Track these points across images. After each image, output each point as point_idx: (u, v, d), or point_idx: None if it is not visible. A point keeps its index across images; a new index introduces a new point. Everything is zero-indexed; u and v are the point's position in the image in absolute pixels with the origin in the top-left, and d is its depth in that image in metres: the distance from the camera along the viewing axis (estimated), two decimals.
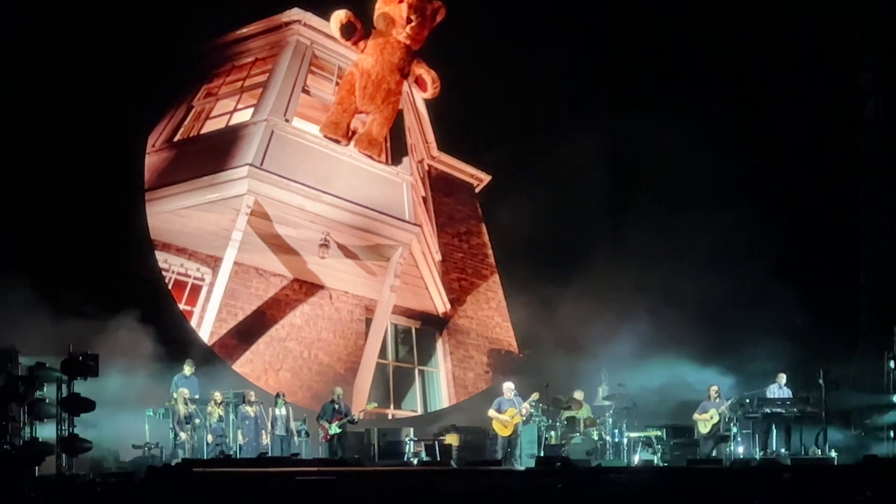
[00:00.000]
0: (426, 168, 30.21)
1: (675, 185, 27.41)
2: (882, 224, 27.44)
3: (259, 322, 27.85)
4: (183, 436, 24.31)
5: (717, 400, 24.99)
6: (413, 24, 28.50)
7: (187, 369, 25.14)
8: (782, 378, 25.61)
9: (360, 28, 28.33)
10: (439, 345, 29.59)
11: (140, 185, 27.30)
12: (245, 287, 27.77)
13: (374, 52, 28.66)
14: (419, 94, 29.58)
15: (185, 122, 28.15)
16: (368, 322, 28.87)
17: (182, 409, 24.39)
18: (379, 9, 28.67)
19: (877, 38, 27.48)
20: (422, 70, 28.99)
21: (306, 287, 28.40)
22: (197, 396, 24.86)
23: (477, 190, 30.53)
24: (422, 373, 29.48)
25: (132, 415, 24.40)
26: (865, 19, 27.53)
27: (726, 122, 27.53)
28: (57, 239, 25.71)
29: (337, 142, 28.44)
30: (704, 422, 25.06)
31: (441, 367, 29.52)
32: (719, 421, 24.88)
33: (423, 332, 29.63)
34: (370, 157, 28.64)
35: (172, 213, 27.40)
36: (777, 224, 26.73)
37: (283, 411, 25.27)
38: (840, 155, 27.61)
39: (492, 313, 30.12)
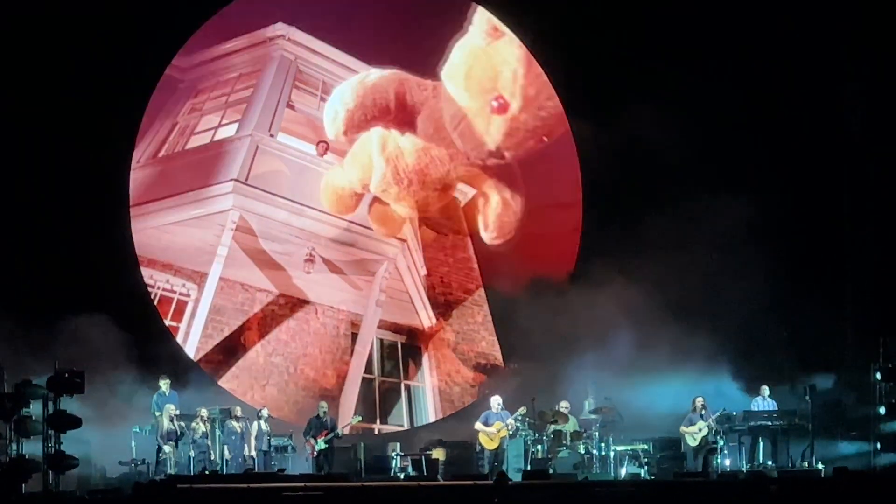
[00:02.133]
0: None
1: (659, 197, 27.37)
2: (868, 235, 27.50)
3: (244, 337, 27.81)
4: (167, 449, 24.24)
5: (704, 412, 24.98)
6: None
7: (163, 385, 25.06)
8: (765, 390, 25.67)
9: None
10: (425, 359, 29.55)
11: (125, 200, 27.28)
12: (231, 302, 27.72)
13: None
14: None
15: (170, 138, 28.06)
16: (354, 337, 28.82)
17: (166, 425, 24.33)
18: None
19: (863, 50, 27.53)
20: None
21: (292, 302, 28.35)
22: (178, 412, 24.78)
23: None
24: (408, 387, 29.43)
25: (118, 431, 24.38)
26: (852, 31, 27.57)
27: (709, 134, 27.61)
28: (41, 254, 25.71)
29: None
30: (692, 434, 25.04)
31: (427, 381, 29.49)
32: (707, 433, 24.88)
33: (409, 346, 29.59)
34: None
35: (158, 229, 27.30)
36: (763, 235, 26.73)
37: (265, 427, 25.22)
38: (826, 166, 27.65)
39: (477, 327, 30.09)
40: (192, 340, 27.26)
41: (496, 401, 25.47)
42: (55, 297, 25.01)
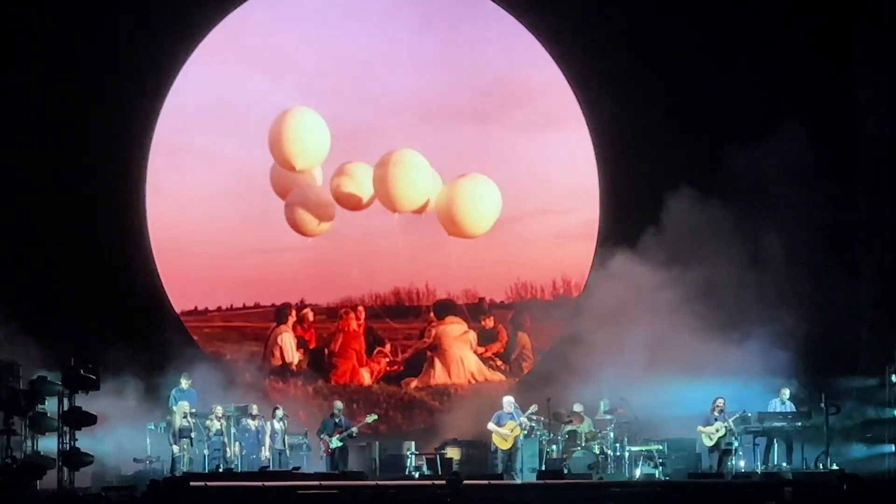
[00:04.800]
0: None
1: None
2: (884, 238, 27.42)
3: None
4: (175, 449, 24.27)
5: (723, 413, 24.91)
6: None
7: (184, 382, 25.14)
8: (785, 393, 25.55)
9: None
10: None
11: (141, 196, 27.42)
12: None
13: None
14: None
15: None
16: None
17: (178, 422, 24.36)
18: None
19: (879, 52, 27.43)
20: None
21: None
22: (195, 410, 24.83)
23: None
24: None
25: (133, 428, 24.45)
26: (867, 33, 27.48)
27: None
28: (56, 250, 25.86)
29: None
30: (709, 435, 24.97)
31: None
32: (724, 434, 24.82)
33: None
34: None
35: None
36: (778, 237, 26.65)
37: (280, 426, 25.24)
38: (841, 168, 27.57)
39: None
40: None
41: (508, 401, 25.44)
42: (70, 293, 25.15)
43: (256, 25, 28.22)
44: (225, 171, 28.09)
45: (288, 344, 27.87)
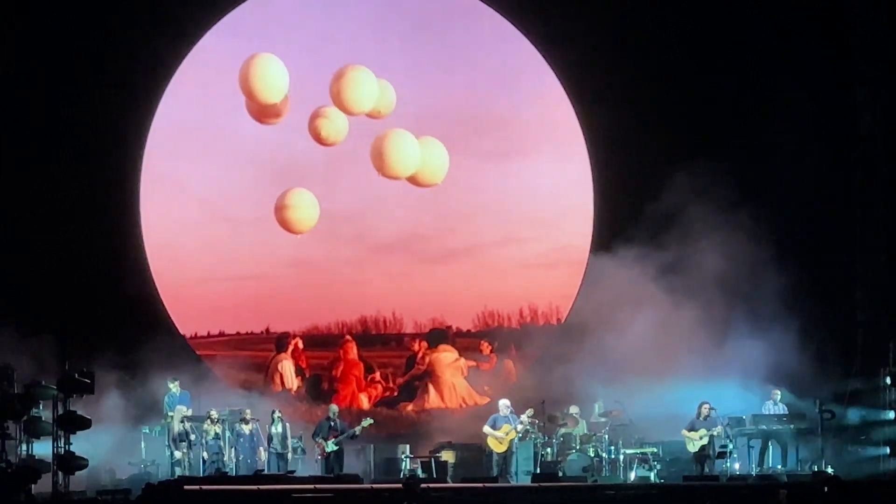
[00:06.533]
0: None
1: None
2: (878, 240, 27.43)
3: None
4: (178, 454, 24.31)
5: (709, 419, 24.83)
6: None
7: (173, 386, 25.17)
8: (777, 395, 25.58)
9: None
10: None
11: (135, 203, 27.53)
12: None
13: None
14: None
15: None
16: None
17: (177, 427, 24.39)
18: None
19: (874, 52, 27.44)
20: None
21: None
22: (190, 412, 24.84)
23: None
24: None
25: (127, 432, 24.50)
26: (862, 34, 27.49)
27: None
28: (50, 256, 25.93)
29: None
30: (692, 440, 24.91)
31: None
32: (709, 442, 24.76)
33: None
34: None
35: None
36: (771, 241, 26.67)
37: (279, 429, 25.23)
38: (836, 170, 27.60)
39: None
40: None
41: (504, 404, 25.49)
42: (64, 298, 25.20)
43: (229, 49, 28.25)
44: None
45: (288, 371, 28.35)
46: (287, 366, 28.26)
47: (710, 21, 27.65)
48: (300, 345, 28.36)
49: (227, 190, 28.23)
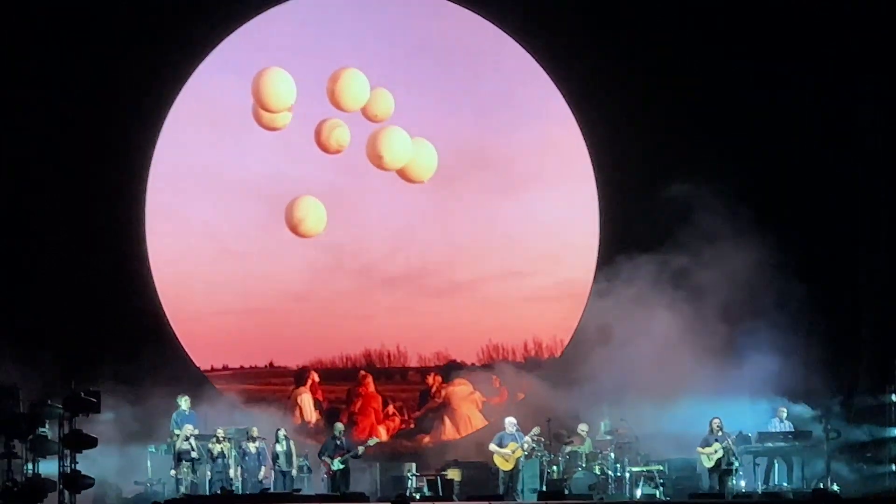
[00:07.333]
0: None
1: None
2: (883, 256, 27.42)
3: None
4: (178, 472, 24.30)
5: (720, 433, 24.89)
6: None
7: (183, 404, 25.22)
8: (783, 412, 25.61)
9: None
10: None
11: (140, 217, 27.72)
12: None
13: None
14: None
15: None
16: None
17: (179, 445, 24.41)
18: None
19: (878, 66, 27.42)
20: None
21: None
22: (197, 431, 24.88)
23: None
24: None
25: (133, 451, 24.54)
26: (866, 48, 27.48)
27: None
28: (57, 273, 26.03)
29: None
30: (709, 456, 24.95)
31: None
32: (724, 455, 24.81)
33: None
34: None
35: None
36: (776, 257, 26.67)
37: (285, 447, 25.26)
38: (840, 185, 27.59)
39: None
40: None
41: (510, 422, 25.50)
42: (71, 318, 25.29)
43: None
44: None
45: (307, 404, 28.57)
46: (307, 399, 28.48)
47: (718, 46, 27.70)
48: (316, 378, 28.55)
49: (232, 223, 28.38)
